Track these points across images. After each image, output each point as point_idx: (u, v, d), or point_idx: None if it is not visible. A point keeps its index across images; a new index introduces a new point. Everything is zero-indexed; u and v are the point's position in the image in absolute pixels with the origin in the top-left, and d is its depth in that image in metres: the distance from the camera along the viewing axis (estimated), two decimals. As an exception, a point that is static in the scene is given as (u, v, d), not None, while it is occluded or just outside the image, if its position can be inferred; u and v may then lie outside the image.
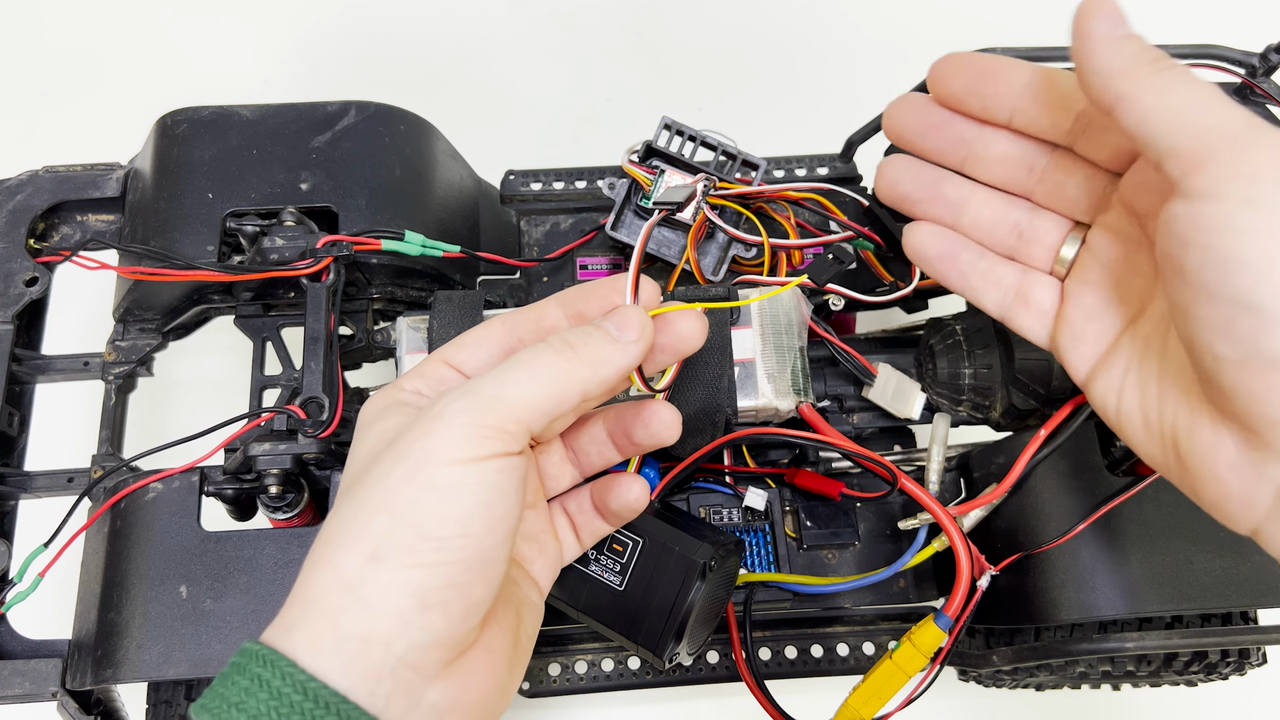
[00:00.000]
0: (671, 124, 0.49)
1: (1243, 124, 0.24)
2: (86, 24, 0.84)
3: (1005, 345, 0.45)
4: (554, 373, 0.28)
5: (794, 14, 0.85)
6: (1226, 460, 0.26)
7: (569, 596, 0.39)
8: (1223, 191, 0.24)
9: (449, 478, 0.26)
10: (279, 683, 0.24)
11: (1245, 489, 0.25)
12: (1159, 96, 0.25)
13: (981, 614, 0.43)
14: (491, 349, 0.31)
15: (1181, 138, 0.24)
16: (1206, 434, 0.26)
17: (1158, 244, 0.26)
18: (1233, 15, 0.82)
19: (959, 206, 0.34)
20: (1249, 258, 0.23)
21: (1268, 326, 0.23)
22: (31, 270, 0.49)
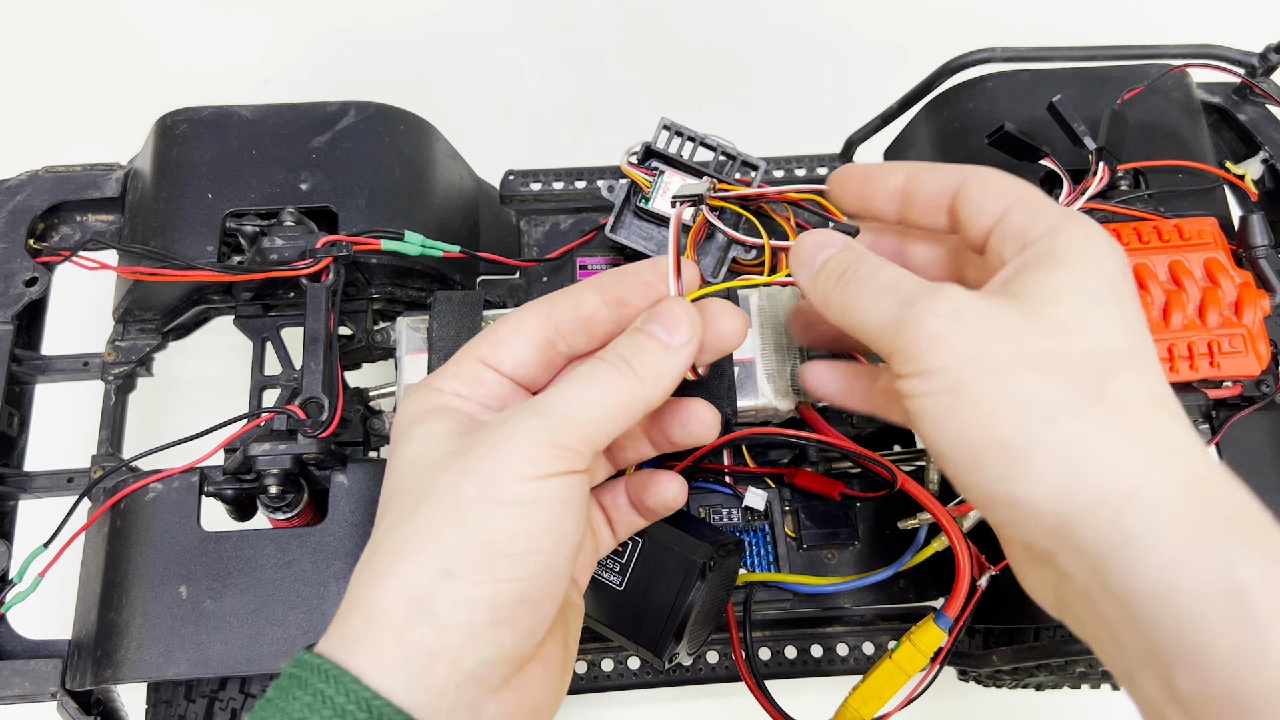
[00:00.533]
0: (670, 125, 0.49)
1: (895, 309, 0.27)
2: (87, 24, 0.84)
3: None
4: (619, 393, 0.28)
5: (794, 14, 0.85)
6: (1018, 559, 0.28)
7: (569, 596, 0.39)
8: (901, 371, 0.27)
9: (522, 494, 0.26)
10: (343, 699, 0.24)
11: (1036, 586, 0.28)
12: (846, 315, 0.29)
13: (981, 614, 0.43)
14: (529, 345, 0.30)
15: (871, 344, 0.28)
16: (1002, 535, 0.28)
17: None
18: (1233, 15, 0.82)
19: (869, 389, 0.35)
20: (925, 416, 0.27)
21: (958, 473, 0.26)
22: (31, 270, 0.49)
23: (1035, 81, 0.50)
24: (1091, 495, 0.24)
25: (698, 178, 0.48)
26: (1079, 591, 0.25)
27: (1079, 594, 0.25)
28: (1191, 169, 0.47)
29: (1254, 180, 0.50)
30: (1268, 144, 0.51)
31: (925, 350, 0.26)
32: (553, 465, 0.26)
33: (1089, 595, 0.25)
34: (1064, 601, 0.27)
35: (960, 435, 0.26)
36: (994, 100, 0.49)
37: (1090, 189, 0.42)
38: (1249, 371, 0.41)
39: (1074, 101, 0.47)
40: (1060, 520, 0.24)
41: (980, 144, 0.46)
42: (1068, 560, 0.25)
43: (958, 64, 0.50)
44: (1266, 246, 0.44)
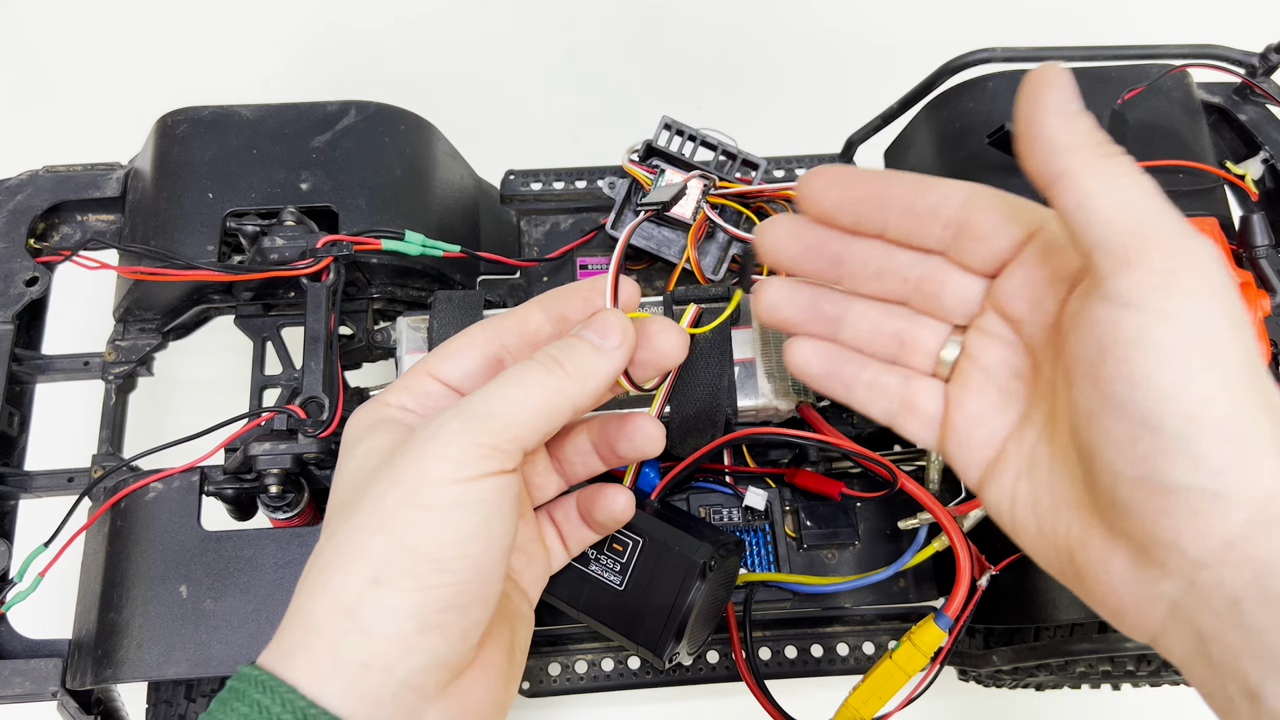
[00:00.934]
0: (671, 124, 0.49)
1: (1177, 229, 0.23)
2: (87, 24, 0.84)
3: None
4: (545, 390, 0.28)
5: (794, 14, 0.85)
6: (1120, 575, 0.25)
7: (569, 596, 0.39)
8: (1145, 301, 0.23)
9: (446, 498, 0.26)
10: (279, 709, 0.24)
11: (1139, 603, 0.25)
12: (1102, 182, 0.24)
13: (981, 614, 0.43)
14: (476, 358, 0.31)
15: (1116, 230, 0.24)
16: (1099, 548, 0.26)
17: (1072, 343, 0.26)
18: (1233, 15, 0.82)
19: (837, 322, 0.33)
20: (1159, 378, 0.23)
21: (1167, 451, 0.23)
22: (32, 270, 0.49)
23: (1035, 81, 0.50)
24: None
25: (698, 176, 0.48)
26: (1214, 606, 0.23)
27: (1212, 609, 0.23)
28: (1192, 169, 0.47)
29: (1254, 180, 0.50)
30: (1268, 144, 0.51)
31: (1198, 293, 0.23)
32: (478, 467, 0.26)
33: (1231, 607, 0.23)
34: (1179, 618, 0.25)
35: (1198, 411, 0.22)
36: (994, 100, 0.49)
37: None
38: (1249, 371, 0.41)
39: (1074, 101, 0.46)
40: (1247, 530, 0.23)
41: (980, 144, 0.46)
42: (1221, 573, 0.23)
43: (958, 64, 0.50)
44: (1267, 246, 0.44)
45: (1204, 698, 0.25)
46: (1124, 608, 0.26)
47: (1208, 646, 0.24)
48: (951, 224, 0.30)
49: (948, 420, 0.31)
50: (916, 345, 0.32)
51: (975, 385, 0.31)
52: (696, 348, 0.42)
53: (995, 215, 0.29)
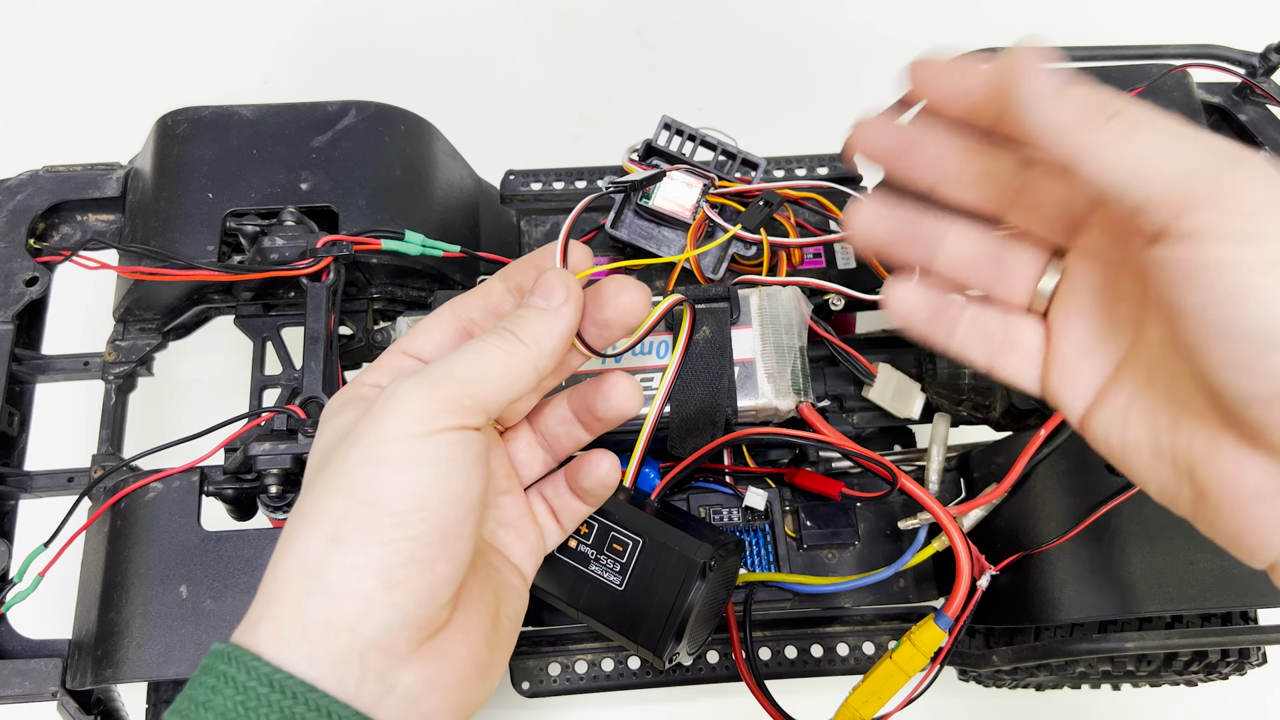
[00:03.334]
0: (671, 123, 0.49)
1: (1220, 158, 0.23)
2: (86, 24, 0.84)
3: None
4: (501, 354, 0.28)
5: (794, 14, 0.85)
6: (1252, 489, 0.24)
7: (569, 596, 0.39)
8: (1219, 231, 0.22)
9: (403, 453, 0.26)
10: (244, 677, 0.24)
11: (1268, 519, 0.24)
12: (1120, 148, 0.23)
13: (981, 614, 0.43)
14: (445, 332, 0.32)
15: (1157, 186, 0.23)
16: (1229, 460, 0.24)
17: (1152, 289, 0.25)
18: (1233, 15, 0.82)
19: (933, 245, 0.31)
20: (1264, 292, 0.22)
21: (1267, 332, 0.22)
22: (31, 270, 0.49)
23: (1035, 81, 0.50)
24: None
25: (697, 176, 0.48)
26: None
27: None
28: (1192, 169, 0.47)
29: (1254, 180, 0.49)
30: (1268, 144, 0.51)
31: (1266, 210, 0.22)
32: (435, 421, 0.26)
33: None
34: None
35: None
36: (994, 100, 0.49)
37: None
38: (1249, 371, 0.41)
39: (1074, 101, 0.46)
40: None
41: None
42: None
43: (958, 64, 0.50)
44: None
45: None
46: (1252, 526, 0.24)
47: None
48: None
49: (1052, 352, 0.29)
50: (1016, 268, 0.30)
51: (1082, 310, 0.29)
52: (696, 348, 0.42)
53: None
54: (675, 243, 0.49)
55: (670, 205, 0.48)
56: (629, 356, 0.43)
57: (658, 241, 0.49)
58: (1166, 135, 0.23)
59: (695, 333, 0.42)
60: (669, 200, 0.48)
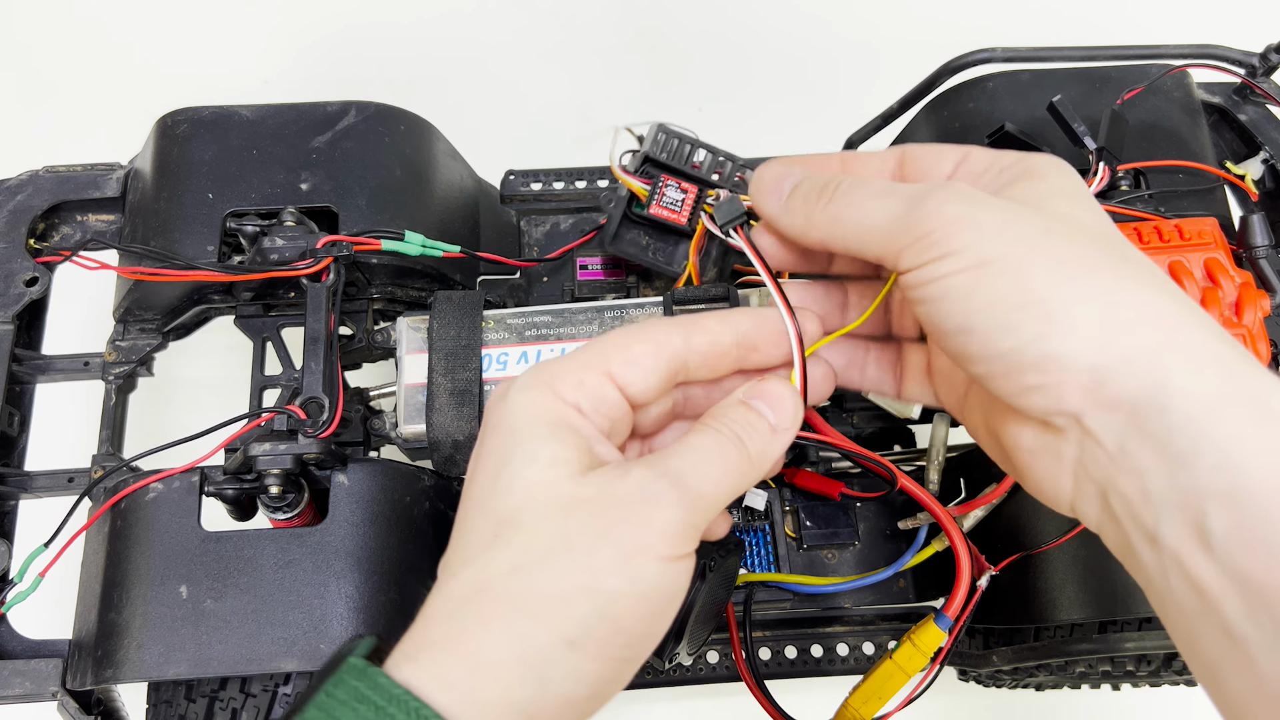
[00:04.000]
0: (666, 130, 0.48)
1: (907, 201, 0.28)
2: (86, 24, 0.84)
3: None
4: (732, 473, 0.28)
5: (794, 13, 0.85)
6: (1029, 447, 0.28)
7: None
8: (917, 261, 0.27)
9: (655, 574, 0.26)
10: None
11: (1050, 471, 0.28)
12: (838, 227, 0.30)
13: (981, 614, 0.43)
14: (661, 370, 0.30)
15: (873, 247, 0.29)
16: (1013, 428, 0.29)
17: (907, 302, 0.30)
18: (1233, 15, 0.82)
19: (844, 307, 0.36)
20: (951, 295, 0.27)
21: (986, 341, 0.26)
22: (32, 270, 0.49)
23: (1035, 81, 0.50)
24: (1131, 342, 0.25)
25: (693, 182, 0.48)
26: (1105, 453, 0.26)
27: (1104, 456, 0.26)
28: (1192, 169, 0.47)
29: (1254, 180, 0.50)
30: (1268, 144, 0.51)
31: (949, 234, 0.27)
32: (685, 546, 0.26)
33: (1118, 452, 0.25)
34: (1081, 476, 0.27)
35: (992, 302, 0.26)
36: (994, 100, 0.49)
37: (1090, 189, 0.42)
38: (1249, 372, 0.41)
39: (1074, 101, 0.46)
40: (1097, 372, 0.25)
41: (980, 144, 0.46)
42: (1097, 418, 0.25)
43: (958, 64, 0.50)
44: (1267, 247, 0.44)
45: (1121, 561, 0.27)
46: (1041, 478, 0.28)
47: (1110, 501, 0.26)
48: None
49: (933, 369, 0.34)
50: (905, 312, 0.35)
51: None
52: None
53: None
54: (672, 252, 0.48)
55: (666, 212, 0.47)
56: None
57: (655, 251, 0.48)
58: (866, 197, 0.29)
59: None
60: (664, 208, 0.47)
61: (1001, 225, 0.27)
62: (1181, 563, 0.24)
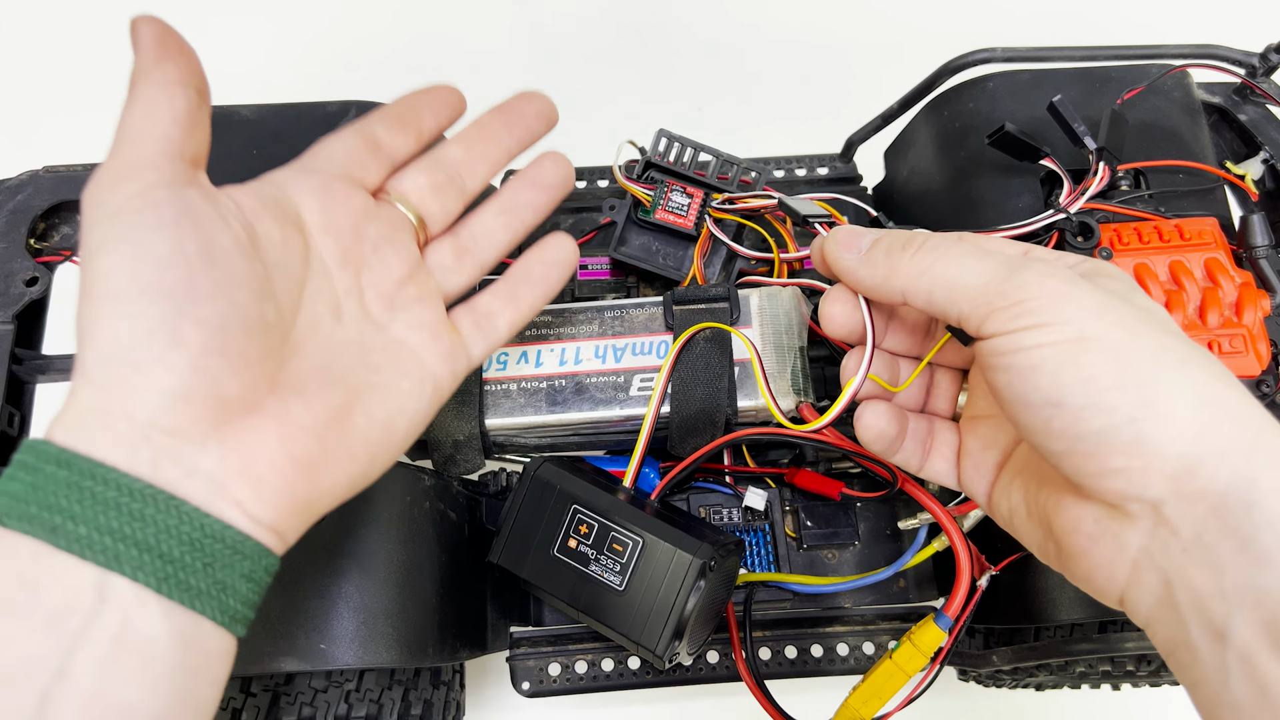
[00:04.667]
0: (668, 135, 0.48)
1: (1006, 266, 0.28)
2: (87, 24, 0.84)
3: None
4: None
5: (794, 14, 0.85)
6: (1088, 531, 0.28)
7: (569, 597, 0.39)
8: (1009, 327, 0.28)
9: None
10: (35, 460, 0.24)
11: (1106, 557, 0.28)
12: (925, 279, 0.30)
13: (981, 614, 0.43)
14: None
15: (960, 304, 0.29)
16: (1070, 511, 0.29)
17: (984, 372, 0.29)
18: (1233, 15, 0.82)
19: (896, 372, 0.37)
20: (1045, 365, 0.27)
21: (1077, 418, 0.26)
22: (32, 270, 0.49)
23: (1035, 81, 0.50)
24: (1224, 436, 0.25)
25: (698, 186, 0.48)
26: (1179, 543, 0.26)
27: (1178, 547, 0.26)
28: (1192, 169, 0.47)
29: (1254, 180, 0.49)
30: (1268, 144, 0.51)
31: (1050, 305, 0.27)
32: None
33: (1194, 543, 0.25)
34: (1144, 565, 0.27)
35: (1089, 379, 0.26)
36: (994, 100, 0.49)
37: (1090, 189, 0.42)
38: (1249, 372, 0.41)
39: (1074, 101, 0.46)
40: (1187, 460, 0.25)
41: (980, 144, 0.46)
42: (1178, 508, 0.25)
43: (958, 64, 0.50)
44: (1267, 247, 0.44)
45: (1166, 657, 0.27)
46: (1094, 565, 0.28)
47: (1173, 591, 0.26)
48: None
49: (964, 450, 0.35)
50: (942, 389, 0.37)
51: (980, 414, 0.35)
52: (697, 348, 0.42)
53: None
54: (676, 255, 0.48)
55: (672, 216, 0.47)
56: (629, 357, 0.43)
57: (664, 256, 0.48)
58: (960, 258, 0.29)
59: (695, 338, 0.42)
60: (670, 213, 0.47)
61: (1102, 306, 0.27)
62: (1249, 660, 0.24)
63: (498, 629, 0.48)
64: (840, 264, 0.33)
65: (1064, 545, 0.29)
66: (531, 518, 0.40)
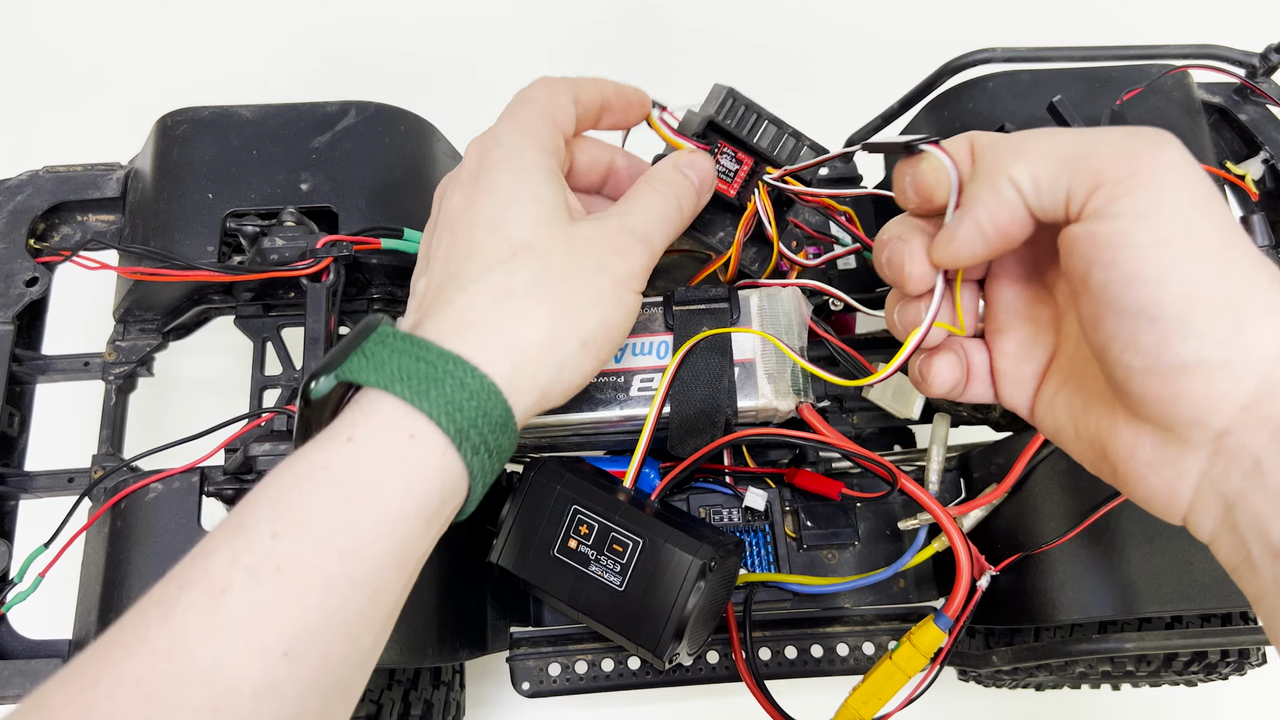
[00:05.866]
0: (735, 96, 0.44)
1: (1116, 142, 0.26)
2: (87, 24, 0.84)
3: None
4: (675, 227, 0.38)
5: (794, 14, 0.85)
6: (1146, 459, 0.27)
7: (569, 597, 0.39)
8: (1114, 209, 0.25)
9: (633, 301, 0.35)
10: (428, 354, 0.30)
11: (1166, 484, 0.27)
12: (1027, 163, 0.27)
13: (981, 614, 0.43)
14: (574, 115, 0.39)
15: (1067, 178, 0.26)
16: (1126, 436, 0.28)
17: (1063, 263, 0.28)
18: (1233, 15, 0.82)
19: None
20: (1147, 273, 0.25)
21: (1169, 336, 0.25)
22: (32, 270, 0.49)
23: (1035, 81, 0.50)
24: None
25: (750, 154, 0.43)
26: (1240, 469, 0.25)
27: (1238, 472, 0.26)
28: (1192, 169, 0.47)
29: (1254, 180, 0.49)
30: (1268, 144, 0.51)
31: (1163, 183, 0.25)
32: (645, 283, 0.35)
33: (1254, 469, 0.25)
34: (1206, 489, 0.27)
35: (1191, 295, 0.25)
36: (994, 100, 0.49)
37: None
38: (1249, 372, 0.41)
39: (1074, 102, 0.46)
40: (1260, 392, 0.25)
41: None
42: (1242, 435, 0.25)
43: (958, 64, 0.50)
44: (1267, 247, 0.44)
45: (1231, 572, 0.27)
46: (1154, 491, 0.28)
47: (1234, 514, 0.26)
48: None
49: (995, 367, 0.34)
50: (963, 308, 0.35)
51: (1009, 324, 0.34)
52: (696, 349, 0.42)
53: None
54: (709, 222, 0.44)
55: (717, 181, 0.42)
56: (629, 357, 0.43)
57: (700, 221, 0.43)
58: (1061, 138, 0.27)
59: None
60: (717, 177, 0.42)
61: (1204, 195, 0.25)
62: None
63: (498, 629, 0.48)
64: (932, 178, 0.30)
65: (1121, 471, 0.29)
66: (531, 518, 0.40)
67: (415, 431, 0.29)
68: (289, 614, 0.26)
